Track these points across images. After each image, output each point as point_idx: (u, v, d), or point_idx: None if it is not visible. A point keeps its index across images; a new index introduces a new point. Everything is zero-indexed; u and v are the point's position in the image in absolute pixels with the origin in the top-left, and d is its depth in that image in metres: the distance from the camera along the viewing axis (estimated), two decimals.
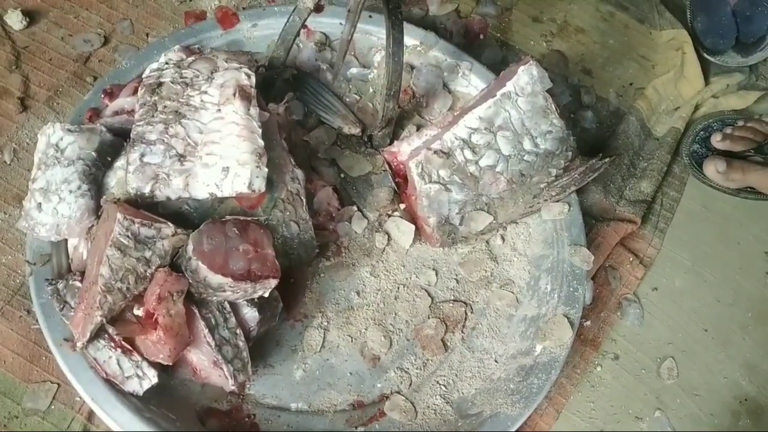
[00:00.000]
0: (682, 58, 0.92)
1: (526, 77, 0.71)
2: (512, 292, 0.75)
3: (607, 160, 0.75)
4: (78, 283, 0.63)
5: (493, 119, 0.71)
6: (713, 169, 0.84)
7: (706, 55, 0.94)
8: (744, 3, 0.92)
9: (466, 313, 0.74)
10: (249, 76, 0.68)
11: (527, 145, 0.72)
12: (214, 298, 0.62)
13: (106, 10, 0.87)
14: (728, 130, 0.85)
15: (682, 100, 0.91)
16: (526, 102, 0.71)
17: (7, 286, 0.71)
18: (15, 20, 0.83)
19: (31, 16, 0.84)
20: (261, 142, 0.64)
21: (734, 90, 0.91)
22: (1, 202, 0.75)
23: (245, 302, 0.64)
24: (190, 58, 0.70)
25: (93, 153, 0.65)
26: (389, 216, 0.77)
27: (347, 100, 0.83)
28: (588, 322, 0.76)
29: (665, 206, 0.86)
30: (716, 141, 0.85)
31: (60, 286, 0.63)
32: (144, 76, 0.70)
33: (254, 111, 0.66)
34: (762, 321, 0.80)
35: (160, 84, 0.67)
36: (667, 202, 0.86)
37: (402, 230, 0.76)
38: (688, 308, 0.80)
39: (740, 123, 0.86)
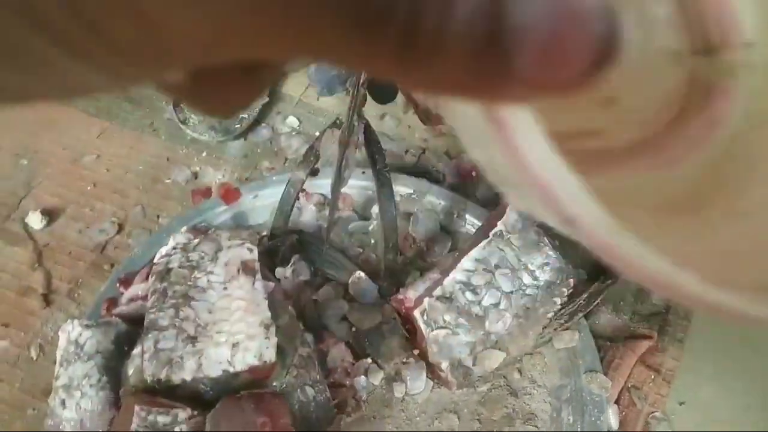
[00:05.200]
0: None
1: (514, 215, 0.74)
2: (536, 427, 0.74)
3: (608, 282, 0.76)
4: None
5: (489, 259, 0.73)
6: None
7: None
8: None
9: None
10: (251, 251, 0.72)
11: (526, 279, 0.74)
12: None
13: (118, 199, 0.93)
14: None
15: None
16: (518, 238, 0.74)
17: None
18: (35, 221, 0.89)
19: (50, 215, 0.90)
20: (268, 314, 0.67)
21: None
22: (29, 397, 0.77)
23: None
24: (196, 240, 0.75)
25: (111, 345, 0.69)
26: (404, 363, 0.78)
27: (351, 253, 0.86)
28: None
29: (679, 314, 0.85)
30: None
31: None
32: (154, 262, 0.74)
33: (259, 284, 0.69)
34: None
35: (168, 270, 0.71)
36: (681, 310, 0.86)
37: (418, 377, 0.76)
38: (720, 419, 0.78)
39: None
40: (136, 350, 0.69)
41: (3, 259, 0.86)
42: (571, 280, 0.76)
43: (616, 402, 0.77)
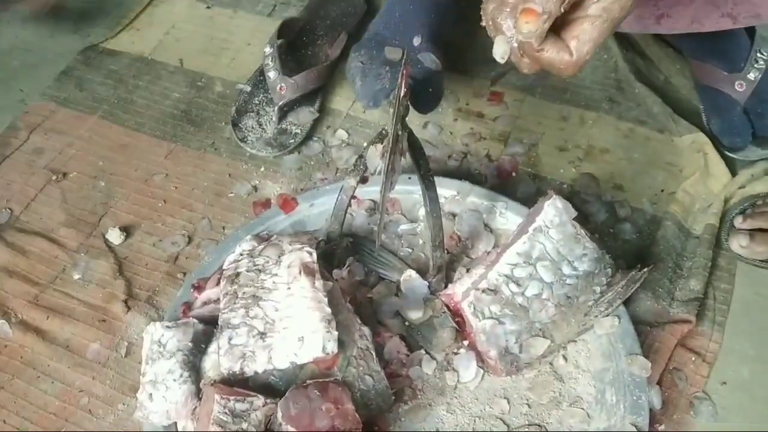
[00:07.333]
0: (704, 158, 0.98)
1: (552, 210, 0.79)
2: (582, 409, 0.79)
3: (645, 270, 0.81)
4: None
5: (530, 252, 0.79)
6: (737, 244, 0.90)
7: (727, 153, 1.00)
8: (753, 101, 0.99)
9: None
10: (311, 254, 0.79)
11: (566, 269, 0.79)
12: None
13: (186, 213, 1.01)
14: (748, 211, 0.90)
15: (713, 196, 0.96)
16: (557, 232, 0.79)
17: None
18: (115, 237, 0.98)
19: (127, 231, 1.00)
20: (328, 310, 0.74)
21: (760, 177, 0.96)
22: (119, 393, 0.86)
23: None
24: (261, 246, 0.82)
25: (190, 343, 0.76)
26: (455, 354, 0.84)
27: (401, 254, 0.92)
28: (662, 427, 0.79)
29: (719, 300, 0.89)
30: (739, 223, 0.90)
31: None
32: (224, 268, 0.82)
33: (319, 283, 0.76)
34: None
35: (237, 274, 0.78)
36: (720, 295, 0.89)
37: (469, 366, 0.82)
38: (761, 397, 0.81)
39: (759, 202, 0.91)
40: (212, 347, 0.77)
41: (89, 272, 0.96)
42: (609, 269, 0.81)
43: (659, 383, 0.81)
